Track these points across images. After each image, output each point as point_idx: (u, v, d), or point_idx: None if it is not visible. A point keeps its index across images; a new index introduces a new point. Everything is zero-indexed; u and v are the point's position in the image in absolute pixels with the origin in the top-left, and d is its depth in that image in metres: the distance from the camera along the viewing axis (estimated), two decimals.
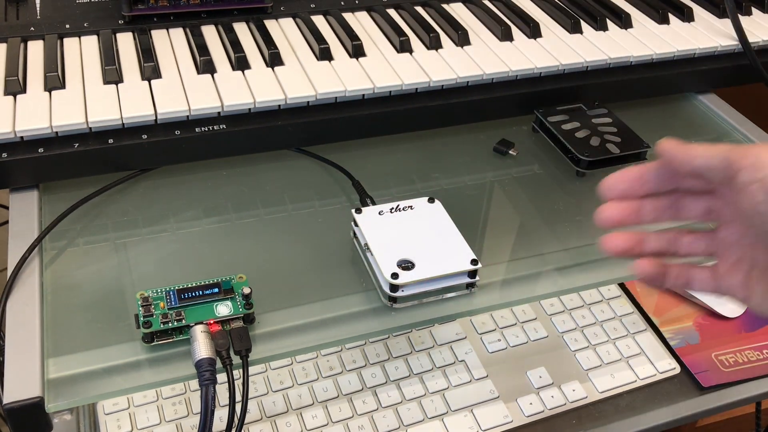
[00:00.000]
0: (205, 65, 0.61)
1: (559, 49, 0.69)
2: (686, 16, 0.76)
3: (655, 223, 0.43)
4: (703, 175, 0.40)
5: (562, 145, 0.64)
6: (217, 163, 0.62)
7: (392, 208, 0.53)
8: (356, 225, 0.52)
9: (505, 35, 0.70)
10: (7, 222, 0.54)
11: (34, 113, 0.55)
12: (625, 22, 0.74)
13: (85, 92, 0.58)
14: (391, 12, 0.73)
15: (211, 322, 0.45)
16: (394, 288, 0.48)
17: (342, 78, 0.61)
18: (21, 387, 0.42)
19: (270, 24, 0.69)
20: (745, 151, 0.37)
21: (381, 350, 0.64)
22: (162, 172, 0.60)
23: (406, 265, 0.49)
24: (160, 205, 0.58)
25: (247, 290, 0.46)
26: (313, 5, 0.72)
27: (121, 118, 0.55)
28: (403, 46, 0.66)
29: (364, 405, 0.60)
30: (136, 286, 0.50)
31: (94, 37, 0.65)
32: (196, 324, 0.45)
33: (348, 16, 0.72)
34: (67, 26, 0.65)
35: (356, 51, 0.65)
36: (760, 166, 0.36)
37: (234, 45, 0.64)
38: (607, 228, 0.43)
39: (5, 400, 0.41)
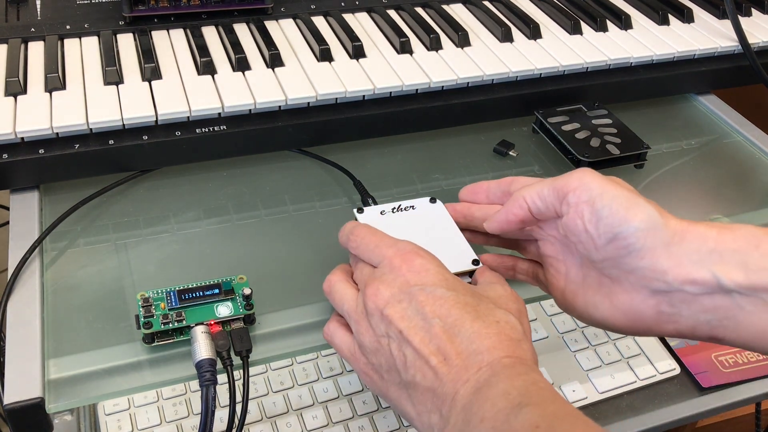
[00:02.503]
0: (206, 66, 0.61)
1: (559, 50, 0.69)
2: (686, 17, 0.76)
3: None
4: (540, 211, 0.45)
5: (562, 146, 0.64)
6: (217, 163, 0.62)
7: (394, 208, 0.52)
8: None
9: (506, 36, 0.70)
10: (7, 223, 0.54)
11: (34, 114, 0.55)
12: (625, 23, 0.74)
13: (86, 93, 0.58)
14: (392, 13, 0.73)
15: (212, 322, 0.45)
16: None
17: (342, 79, 0.61)
18: (22, 387, 0.42)
19: (270, 25, 0.69)
20: (568, 177, 0.43)
21: None
22: (162, 173, 0.60)
23: None
24: (161, 205, 0.58)
25: (247, 291, 0.47)
26: (313, 6, 0.72)
27: (122, 119, 0.55)
28: (404, 47, 0.66)
29: (365, 405, 0.60)
30: (136, 286, 0.50)
31: (95, 38, 0.65)
32: (196, 325, 0.45)
33: (348, 17, 0.72)
34: (68, 27, 0.65)
35: (356, 52, 0.65)
36: (584, 188, 0.42)
37: (234, 46, 0.64)
38: None
39: (6, 401, 0.42)
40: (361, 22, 0.71)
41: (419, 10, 0.74)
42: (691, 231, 0.40)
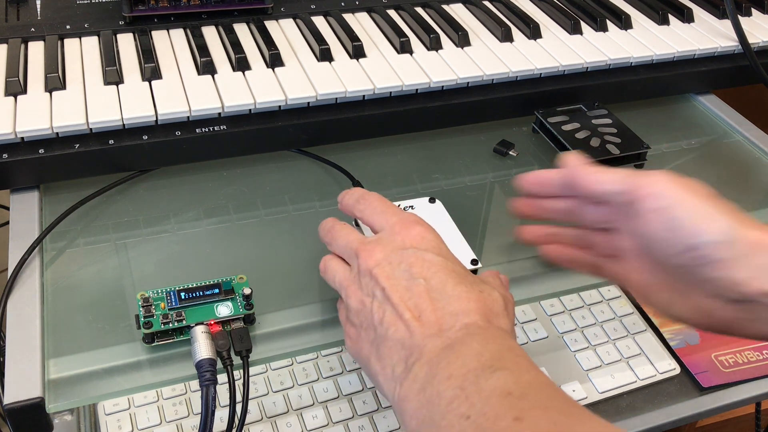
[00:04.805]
0: (206, 66, 0.61)
1: (559, 50, 0.69)
2: (686, 17, 0.76)
3: (556, 221, 0.49)
4: (602, 198, 0.44)
5: (562, 146, 0.64)
6: (217, 163, 0.62)
7: None
8: (357, 225, 0.52)
9: (506, 36, 0.70)
10: (7, 222, 0.54)
11: (34, 114, 0.55)
12: (625, 23, 0.74)
13: (86, 93, 0.58)
14: (392, 13, 0.73)
15: (212, 322, 0.45)
16: None
17: (342, 79, 0.62)
18: (21, 387, 0.42)
19: (270, 25, 0.69)
20: (644, 180, 0.41)
21: None
22: (162, 173, 0.60)
23: None
24: (161, 205, 0.58)
25: (247, 291, 0.47)
26: (313, 6, 0.72)
27: (122, 118, 0.55)
28: (404, 47, 0.67)
29: (365, 405, 0.60)
30: (136, 286, 0.50)
31: (95, 38, 0.65)
32: (196, 324, 0.45)
33: (348, 17, 0.72)
34: (68, 27, 0.65)
35: (356, 52, 0.65)
36: (659, 196, 0.40)
37: (234, 46, 0.64)
38: (520, 218, 0.50)
39: (6, 401, 0.42)
40: (361, 22, 0.71)
41: (419, 10, 0.74)
42: None
